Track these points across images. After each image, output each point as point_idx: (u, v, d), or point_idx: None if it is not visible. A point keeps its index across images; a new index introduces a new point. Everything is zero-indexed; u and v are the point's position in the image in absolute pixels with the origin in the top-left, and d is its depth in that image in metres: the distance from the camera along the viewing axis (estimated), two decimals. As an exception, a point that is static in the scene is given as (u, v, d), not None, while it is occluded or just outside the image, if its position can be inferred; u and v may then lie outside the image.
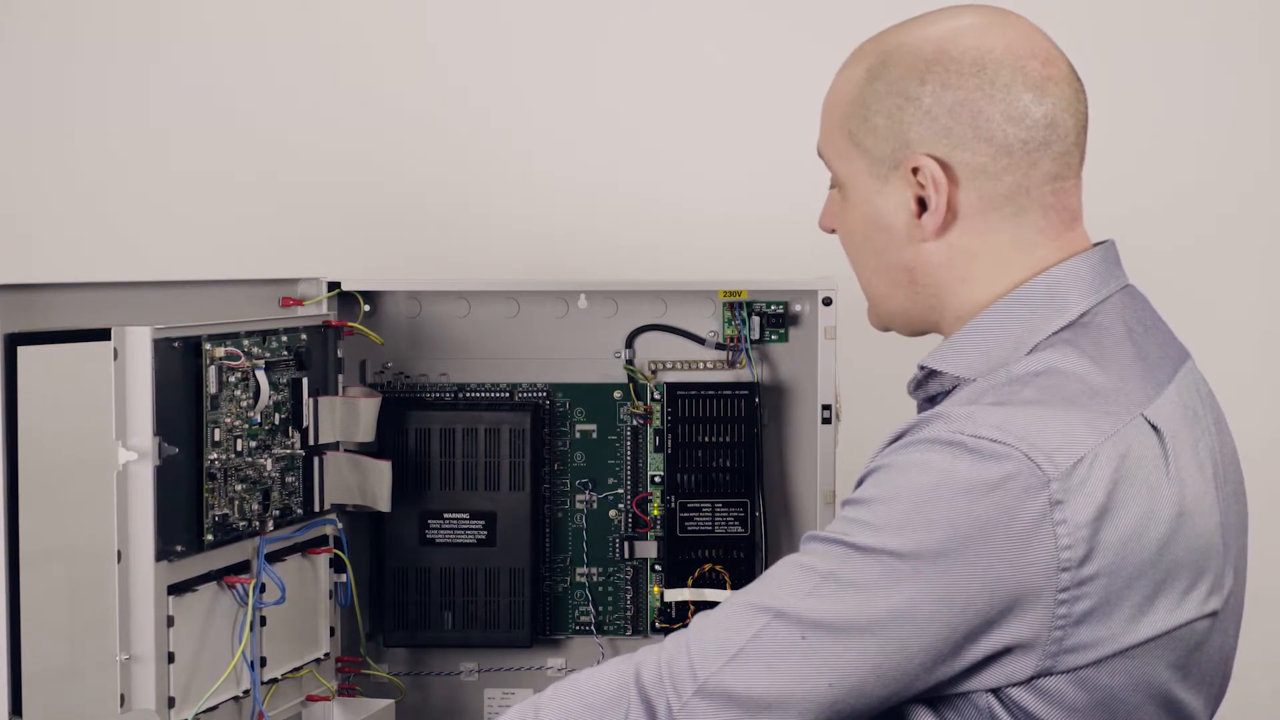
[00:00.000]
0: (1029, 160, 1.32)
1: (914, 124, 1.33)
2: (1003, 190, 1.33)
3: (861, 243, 1.40)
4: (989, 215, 1.34)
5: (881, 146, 1.35)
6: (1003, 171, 1.32)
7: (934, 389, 1.39)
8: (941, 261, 1.36)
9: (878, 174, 1.36)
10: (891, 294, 1.40)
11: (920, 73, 1.33)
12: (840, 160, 1.39)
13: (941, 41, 1.33)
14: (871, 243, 1.39)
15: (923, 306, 1.39)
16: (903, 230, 1.36)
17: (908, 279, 1.38)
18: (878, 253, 1.39)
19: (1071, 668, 1.25)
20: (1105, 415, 1.25)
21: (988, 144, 1.32)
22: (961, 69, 1.32)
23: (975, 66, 1.32)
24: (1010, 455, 1.21)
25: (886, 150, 1.35)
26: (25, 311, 1.51)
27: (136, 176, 2.52)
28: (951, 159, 1.32)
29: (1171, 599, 1.27)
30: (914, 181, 1.34)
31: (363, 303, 1.94)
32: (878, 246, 1.39)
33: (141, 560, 1.56)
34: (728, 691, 1.25)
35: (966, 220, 1.34)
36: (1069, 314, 1.33)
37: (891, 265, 1.38)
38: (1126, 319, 1.34)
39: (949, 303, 1.37)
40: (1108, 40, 2.41)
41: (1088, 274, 1.35)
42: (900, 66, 1.34)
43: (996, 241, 1.35)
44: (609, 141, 2.47)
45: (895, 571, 1.23)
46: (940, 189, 1.33)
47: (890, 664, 1.24)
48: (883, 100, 1.34)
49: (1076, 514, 1.21)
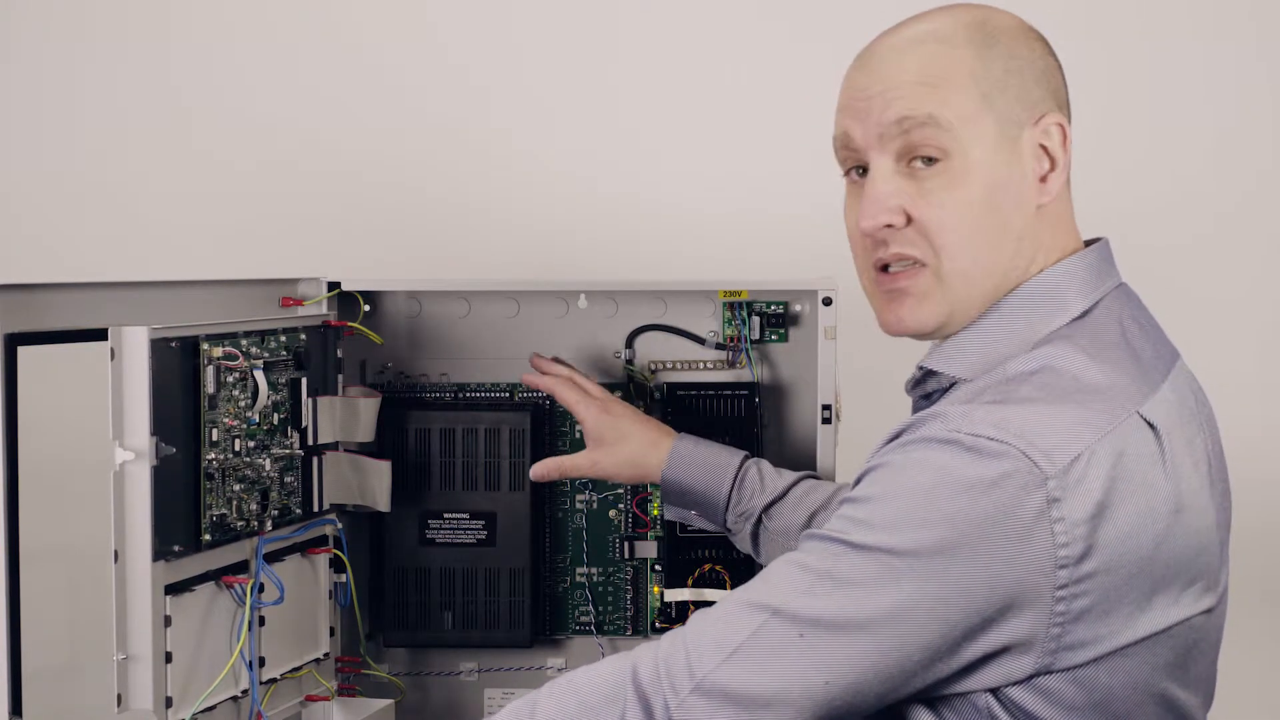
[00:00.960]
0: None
1: (1037, 83, 1.36)
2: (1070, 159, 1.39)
3: (972, 216, 1.35)
4: (1068, 184, 1.39)
5: (1014, 107, 1.35)
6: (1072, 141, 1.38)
7: (931, 387, 1.39)
8: (1040, 227, 1.37)
9: (1006, 137, 1.35)
10: (989, 273, 1.36)
11: (1025, 39, 1.37)
12: (968, 125, 1.34)
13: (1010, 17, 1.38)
14: (987, 213, 1.35)
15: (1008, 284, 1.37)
16: (1026, 195, 1.36)
17: (1013, 252, 1.36)
18: (991, 224, 1.35)
19: (1070, 666, 1.25)
20: (1102, 413, 1.25)
21: (1067, 111, 1.39)
22: (1040, 38, 1.39)
23: (1044, 40, 1.39)
24: (1008, 453, 1.22)
25: (1018, 111, 1.35)
26: (25, 311, 1.50)
27: (138, 177, 2.53)
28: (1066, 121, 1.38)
29: (1169, 596, 1.27)
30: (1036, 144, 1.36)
31: (363, 303, 1.94)
32: (993, 216, 1.35)
33: (138, 560, 1.56)
34: (725, 689, 1.25)
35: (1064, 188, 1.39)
36: (1069, 312, 1.34)
37: (1003, 236, 1.36)
38: (1121, 318, 1.34)
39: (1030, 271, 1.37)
40: (1108, 40, 2.41)
41: (1085, 273, 1.35)
42: (1006, 34, 1.37)
43: (1068, 210, 1.40)
44: (609, 142, 2.47)
45: (893, 569, 1.23)
46: (1069, 147, 1.37)
47: (887, 661, 1.24)
48: (1006, 63, 1.35)
49: (1074, 511, 1.21)
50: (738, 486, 1.75)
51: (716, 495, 1.75)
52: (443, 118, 2.48)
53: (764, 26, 2.46)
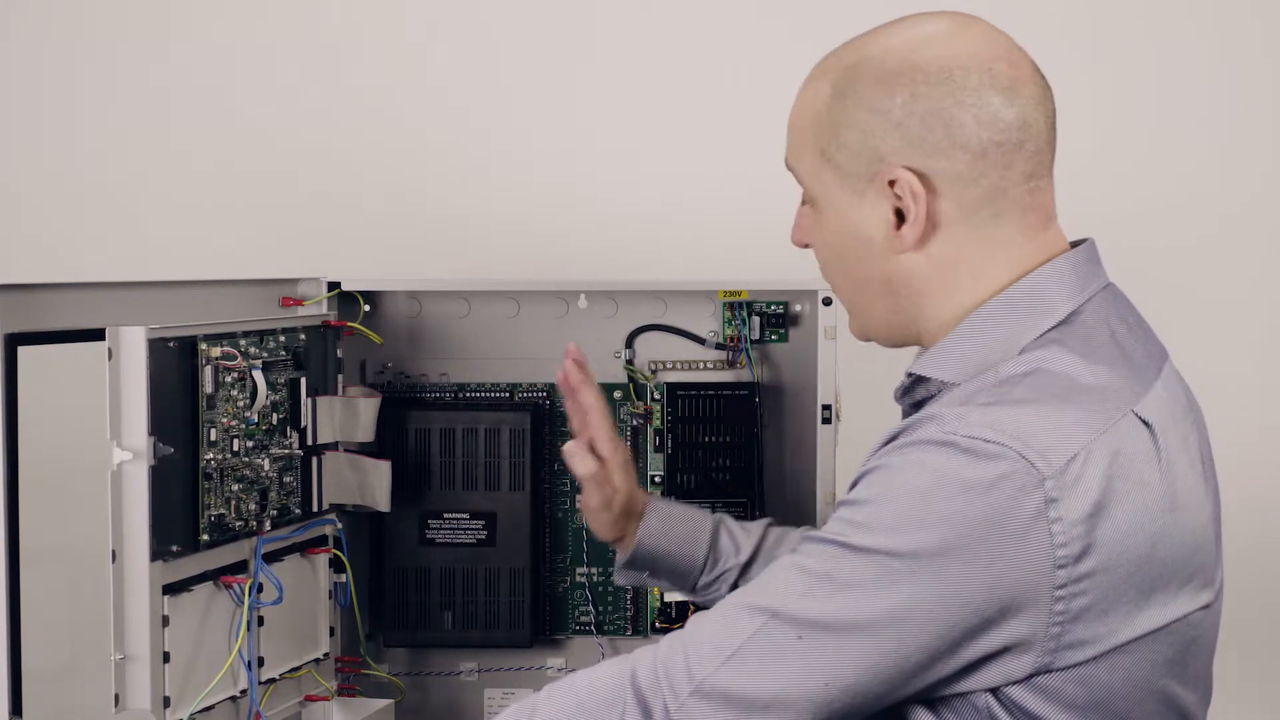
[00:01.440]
0: (1004, 162, 1.32)
1: (886, 136, 1.32)
2: (980, 194, 1.32)
3: (838, 257, 1.40)
4: (967, 221, 1.33)
5: (855, 162, 1.34)
6: (979, 176, 1.32)
7: (921, 395, 1.39)
8: (922, 272, 1.35)
9: (853, 189, 1.35)
10: (872, 307, 1.40)
11: (888, 85, 1.32)
12: (812, 177, 1.38)
13: (906, 53, 1.33)
14: (849, 257, 1.38)
15: (904, 317, 1.38)
16: (881, 243, 1.35)
17: (887, 290, 1.37)
18: (856, 266, 1.38)
19: (1070, 665, 1.25)
20: (1097, 412, 1.25)
21: (963, 150, 1.31)
22: (929, 78, 1.31)
23: (943, 74, 1.31)
24: (1004, 454, 1.21)
25: (860, 165, 1.34)
26: (25, 311, 1.50)
27: (138, 177, 2.53)
28: (927, 168, 1.32)
29: (1167, 593, 1.27)
30: (891, 194, 1.33)
31: (363, 303, 1.94)
32: (856, 260, 1.38)
33: (136, 560, 1.56)
34: (724, 692, 1.25)
35: (946, 228, 1.33)
36: (1055, 315, 1.33)
37: (870, 278, 1.37)
38: (1110, 318, 1.34)
39: (930, 312, 1.37)
40: (1108, 40, 2.40)
41: (1071, 275, 1.35)
42: (867, 81, 1.33)
43: (976, 247, 1.34)
44: (609, 142, 2.47)
45: (891, 571, 1.23)
46: (919, 199, 1.32)
47: (887, 663, 1.24)
48: (853, 115, 1.33)
49: (1071, 511, 1.21)
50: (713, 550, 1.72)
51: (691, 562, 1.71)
52: (443, 118, 2.48)
53: (764, 26, 2.46)
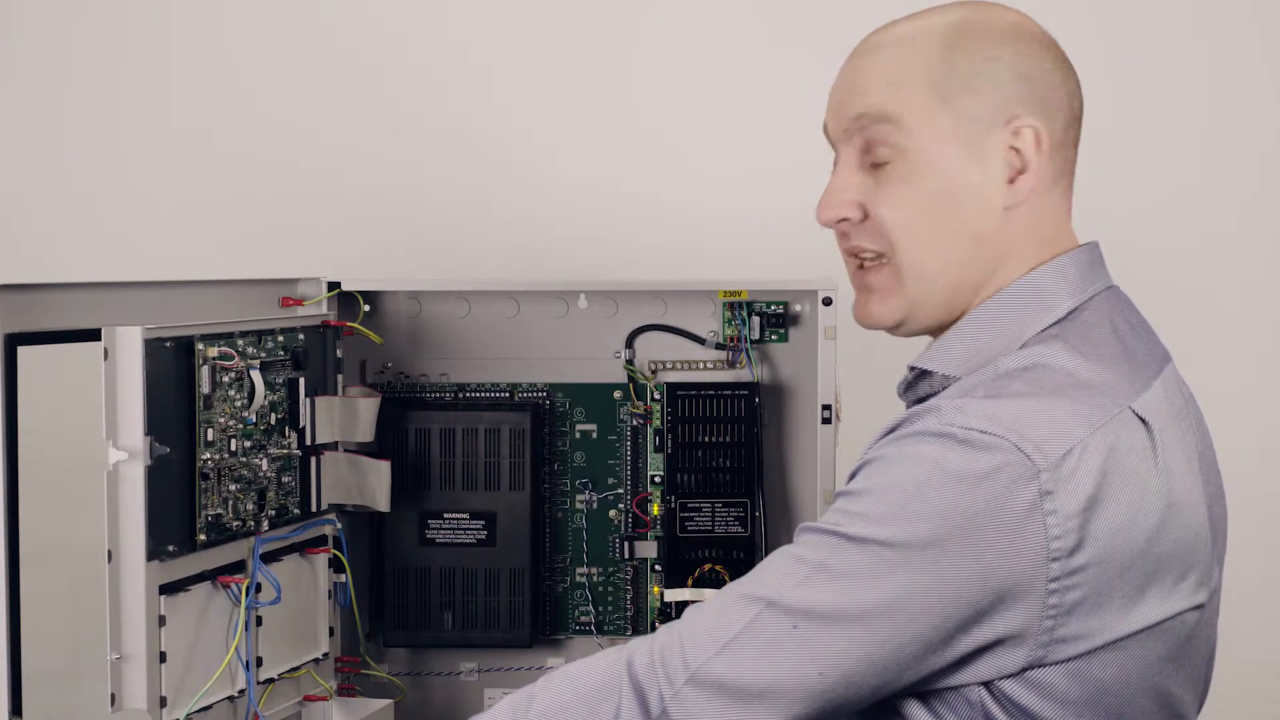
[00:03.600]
0: (1075, 137, 1.38)
1: (1012, 86, 1.34)
2: (1063, 163, 1.37)
3: (929, 214, 1.35)
4: (1054, 187, 1.37)
5: (980, 107, 1.33)
6: (1066, 145, 1.36)
7: (924, 390, 1.39)
8: (1012, 231, 1.35)
9: (969, 137, 1.34)
10: (947, 269, 1.36)
11: (1011, 39, 1.35)
12: (923, 123, 1.34)
13: (1010, 17, 1.36)
14: (946, 212, 1.35)
15: (970, 284, 1.36)
16: (992, 196, 1.34)
17: (973, 252, 1.35)
18: (952, 222, 1.35)
19: (1063, 659, 1.25)
20: (1094, 407, 1.25)
21: (1063, 114, 1.35)
22: (1038, 40, 1.36)
23: (1045, 42, 1.36)
24: (1000, 446, 1.22)
25: (984, 112, 1.33)
26: (25, 311, 1.51)
27: (139, 177, 2.53)
28: (1043, 125, 1.34)
29: (1162, 590, 1.27)
30: (1007, 147, 1.34)
31: (363, 303, 1.94)
32: (954, 216, 1.35)
33: (132, 560, 1.56)
34: (719, 680, 1.25)
35: (1040, 190, 1.35)
36: (1057, 311, 1.34)
37: (964, 235, 1.35)
38: (1112, 317, 1.34)
39: (998, 276, 1.36)
40: (1108, 40, 2.40)
41: (1074, 273, 1.35)
42: (985, 33, 1.35)
43: (1049, 215, 1.37)
44: (609, 142, 2.47)
45: (886, 561, 1.23)
46: (1044, 152, 1.34)
47: (881, 653, 1.24)
48: (979, 63, 1.34)
49: (1066, 504, 1.21)
50: None
51: None
52: (443, 118, 2.48)
53: (765, 26, 2.46)
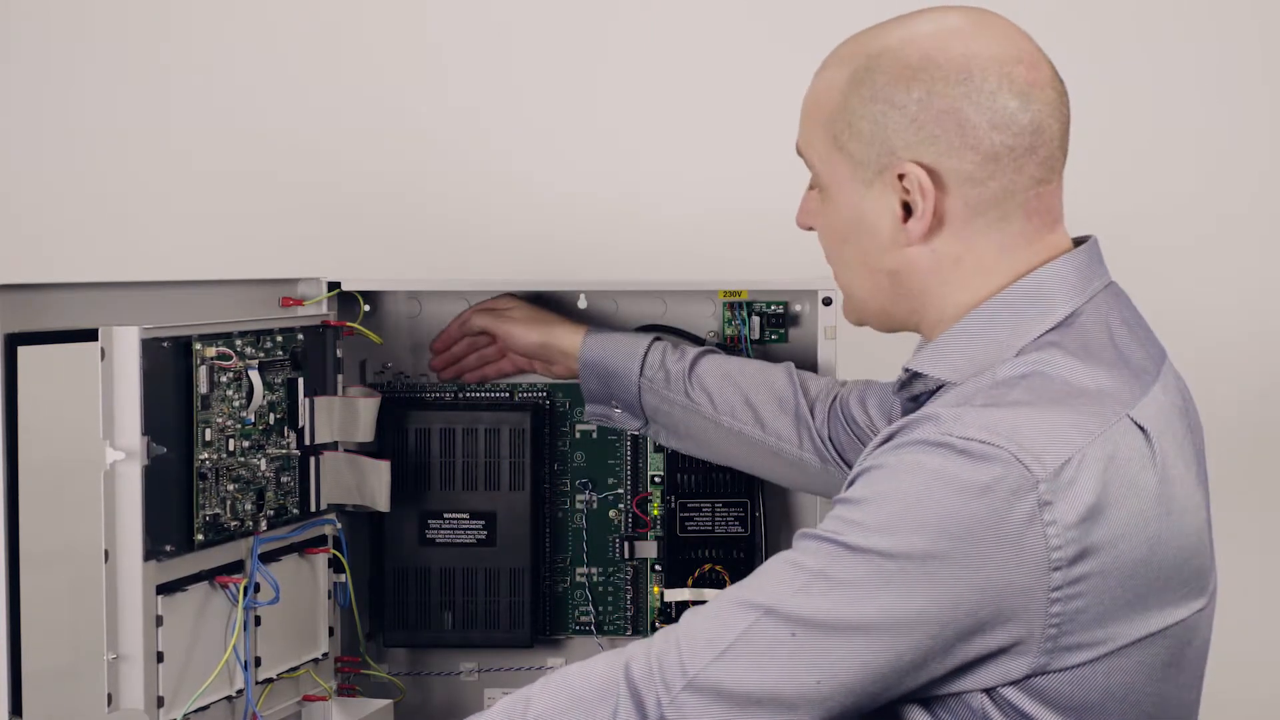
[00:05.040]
0: (1014, 166, 1.33)
1: (900, 131, 1.33)
2: (988, 196, 1.33)
3: (843, 244, 1.41)
4: (973, 221, 1.34)
5: (866, 151, 1.35)
6: (988, 178, 1.33)
7: (918, 389, 1.39)
8: (925, 266, 1.36)
9: (862, 178, 1.36)
10: (872, 296, 1.41)
11: (906, 80, 1.32)
12: (823, 162, 1.39)
13: (927, 47, 1.33)
14: (854, 245, 1.39)
15: (904, 309, 1.40)
16: (887, 234, 1.36)
17: (890, 282, 1.39)
18: (860, 255, 1.39)
19: (1065, 667, 1.25)
20: (1092, 416, 1.25)
21: (974, 151, 1.32)
22: (948, 76, 1.32)
23: (962, 74, 1.32)
24: (999, 456, 1.21)
25: (871, 155, 1.34)
26: (25, 311, 1.51)
27: (139, 177, 2.53)
28: (938, 165, 1.32)
29: (1164, 597, 1.27)
30: (900, 187, 1.34)
31: (363, 303, 1.94)
32: (860, 249, 1.39)
33: (129, 560, 1.56)
34: (716, 687, 1.25)
35: (952, 226, 1.34)
36: (1055, 316, 1.33)
37: (874, 268, 1.39)
38: (1110, 320, 1.34)
39: (931, 306, 1.38)
40: (1107, 39, 2.40)
41: (1072, 275, 1.35)
42: (886, 72, 1.33)
43: (980, 246, 1.35)
44: (609, 142, 2.47)
45: (884, 571, 1.23)
46: (927, 195, 1.33)
47: (879, 663, 1.24)
48: (868, 106, 1.34)
49: (1065, 514, 1.21)
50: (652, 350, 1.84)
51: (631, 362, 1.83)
52: (443, 118, 2.48)
53: (765, 25, 2.46)
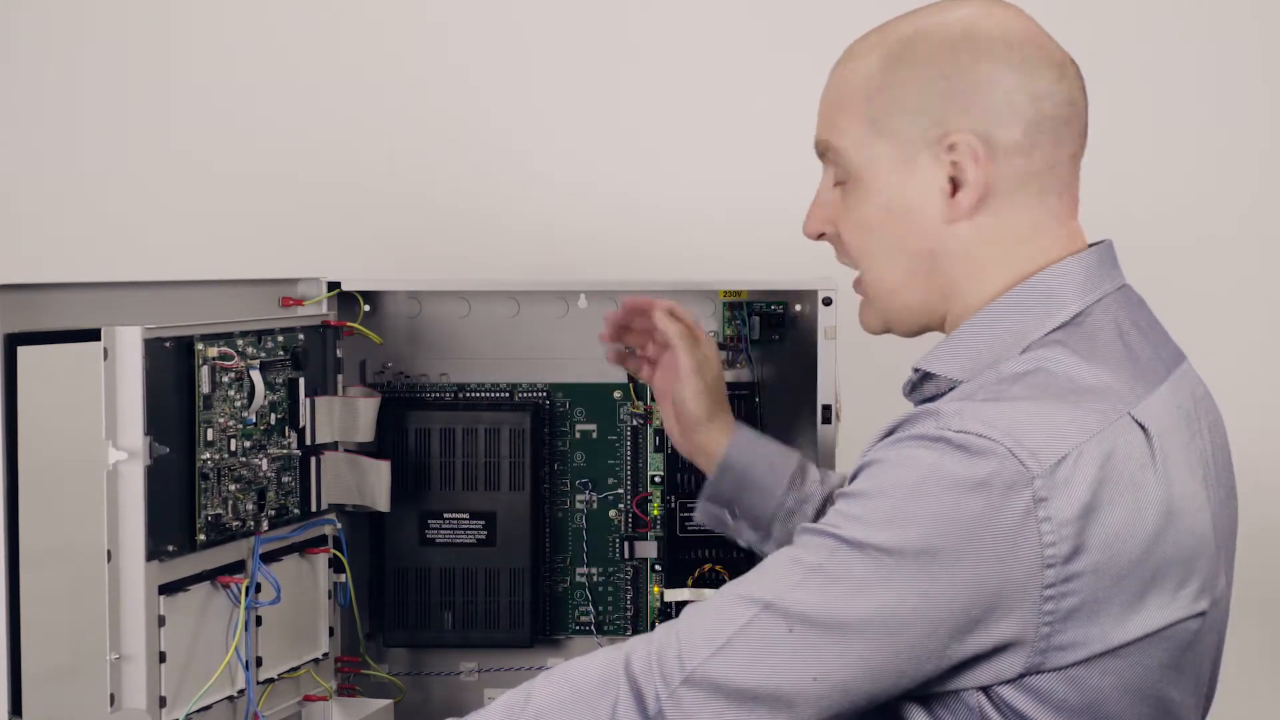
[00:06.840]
0: (1054, 138, 1.34)
1: (948, 100, 1.33)
2: (1031, 168, 1.34)
3: (871, 236, 1.39)
4: (1016, 194, 1.35)
5: (913, 127, 1.34)
6: (1032, 148, 1.33)
7: (929, 391, 1.38)
8: (967, 244, 1.35)
9: (905, 156, 1.35)
10: (906, 284, 1.39)
11: (951, 48, 1.33)
12: (857, 150, 1.37)
13: (965, 23, 1.34)
14: (891, 232, 1.37)
15: (936, 295, 1.38)
16: (933, 212, 1.35)
17: (928, 267, 1.37)
18: (895, 242, 1.38)
19: (1060, 666, 1.25)
20: (1093, 413, 1.25)
21: (1020, 120, 1.33)
22: (994, 46, 1.33)
23: (1004, 43, 1.33)
24: (995, 451, 1.21)
25: (918, 130, 1.34)
26: (25, 311, 1.51)
27: (139, 177, 2.53)
28: (990, 134, 1.33)
29: (1161, 597, 1.26)
30: (947, 161, 1.34)
31: (363, 303, 1.94)
32: (898, 234, 1.37)
33: (131, 560, 1.56)
34: (715, 681, 1.25)
35: (996, 199, 1.34)
36: (1062, 315, 1.33)
37: (912, 252, 1.37)
38: (1119, 319, 1.34)
39: (962, 290, 1.37)
40: (1108, 39, 2.40)
41: (1081, 275, 1.35)
42: (928, 44, 1.34)
43: (1017, 222, 1.35)
44: (609, 142, 2.47)
45: (882, 567, 1.23)
46: (980, 163, 1.33)
47: (877, 660, 1.24)
48: (913, 79, 1.34)
49: (1060, 511, 1.21)
50: (802, 471, 1.75)
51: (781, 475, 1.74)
52: (443, 118, 2.48)
53: (765, 27, 2.46)
